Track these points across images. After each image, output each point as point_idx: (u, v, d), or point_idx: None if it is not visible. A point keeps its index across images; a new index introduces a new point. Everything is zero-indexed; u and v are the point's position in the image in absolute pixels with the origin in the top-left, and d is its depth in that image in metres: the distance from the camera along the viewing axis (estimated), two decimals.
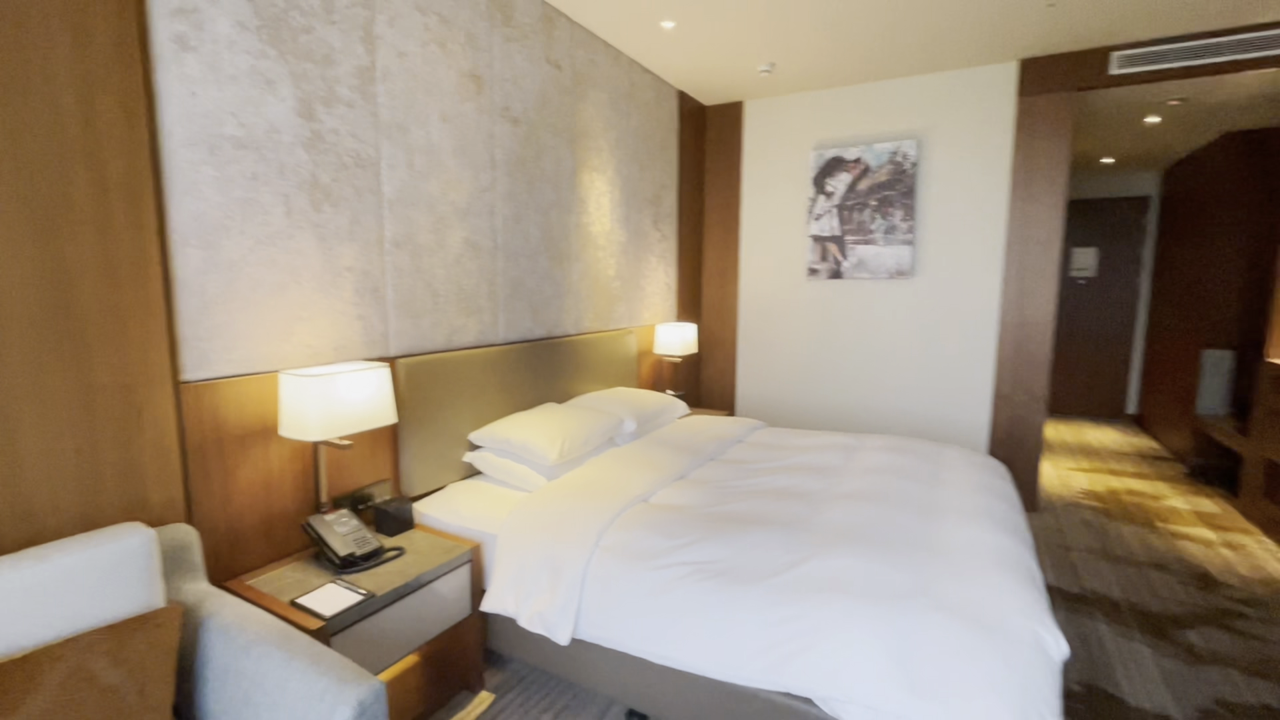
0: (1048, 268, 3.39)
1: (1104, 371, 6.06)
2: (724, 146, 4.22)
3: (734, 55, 3.31)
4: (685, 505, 2.03)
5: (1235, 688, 2.01)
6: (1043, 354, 3.44)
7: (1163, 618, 2.44)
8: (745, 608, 1.47)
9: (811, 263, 3.98)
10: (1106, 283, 5.96)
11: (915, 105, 3.64)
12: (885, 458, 2.41)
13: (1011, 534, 1.75)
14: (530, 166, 2.66)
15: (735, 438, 2.83)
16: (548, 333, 2.85)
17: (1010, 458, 3.57)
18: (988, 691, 1.18)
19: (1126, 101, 3.71)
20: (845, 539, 1.67)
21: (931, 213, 3.66)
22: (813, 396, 4.11)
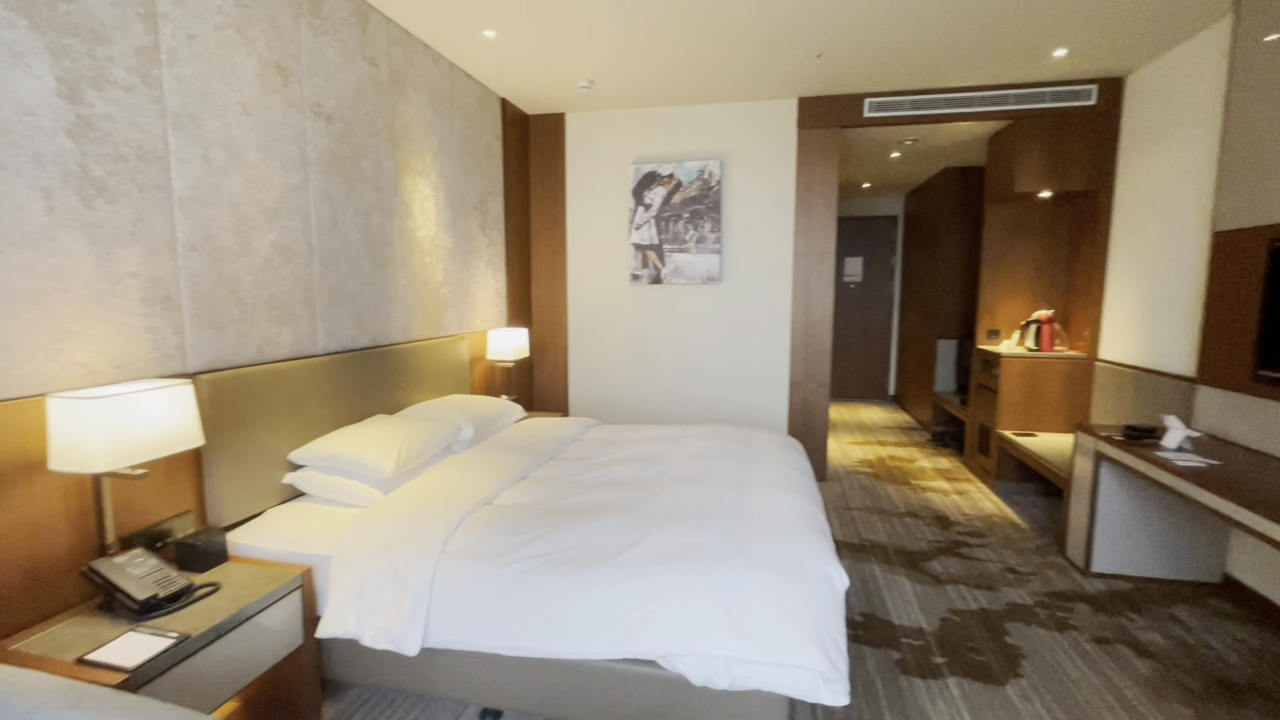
0: (826, 274, 4.03)
1: (871, 360, 7.27)
2: (548, 155, 4.34)
3: (555, 70, 3.44)
4: (529, 503, 2.10)
5: (963, 599, 2.62)
6: (825, 347, 4.07)
7: (915, 554, 3.06)
8: (592, 588, 1.60)
9: (634, 269, 4.26)
10: (870, 287, 7.16)
11: (718, 129, 4.09)
12: (706, 444, 2.71)
13: (807, 498, 2.10)
14: (348, 166, 2.53)
15: (572, 436, 2.96)
16: (374, 341, 2.72)
17: (804, 436, 4.17)
18: (791, 623, 1.44)
19: (877, 139, 4.53)
20: (676, 516, 1.88)
21: (735, 225, 4.13)
22: (640, 393, 4.39)
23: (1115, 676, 2.10)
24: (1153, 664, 2.17)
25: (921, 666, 2.14)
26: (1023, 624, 2.42)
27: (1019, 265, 4.28)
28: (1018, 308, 4.32)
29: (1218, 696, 2.00)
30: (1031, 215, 4.23)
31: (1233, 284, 2.54)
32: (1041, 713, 1.91)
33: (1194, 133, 2.93)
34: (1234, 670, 2.13)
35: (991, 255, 4.31)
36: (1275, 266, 2.32)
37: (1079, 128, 3.66)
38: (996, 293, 4.34)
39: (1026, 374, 3.91)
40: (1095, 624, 2.42)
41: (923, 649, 2.24)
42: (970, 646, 2.26)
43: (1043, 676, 2.09)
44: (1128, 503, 2.76)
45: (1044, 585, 2.74)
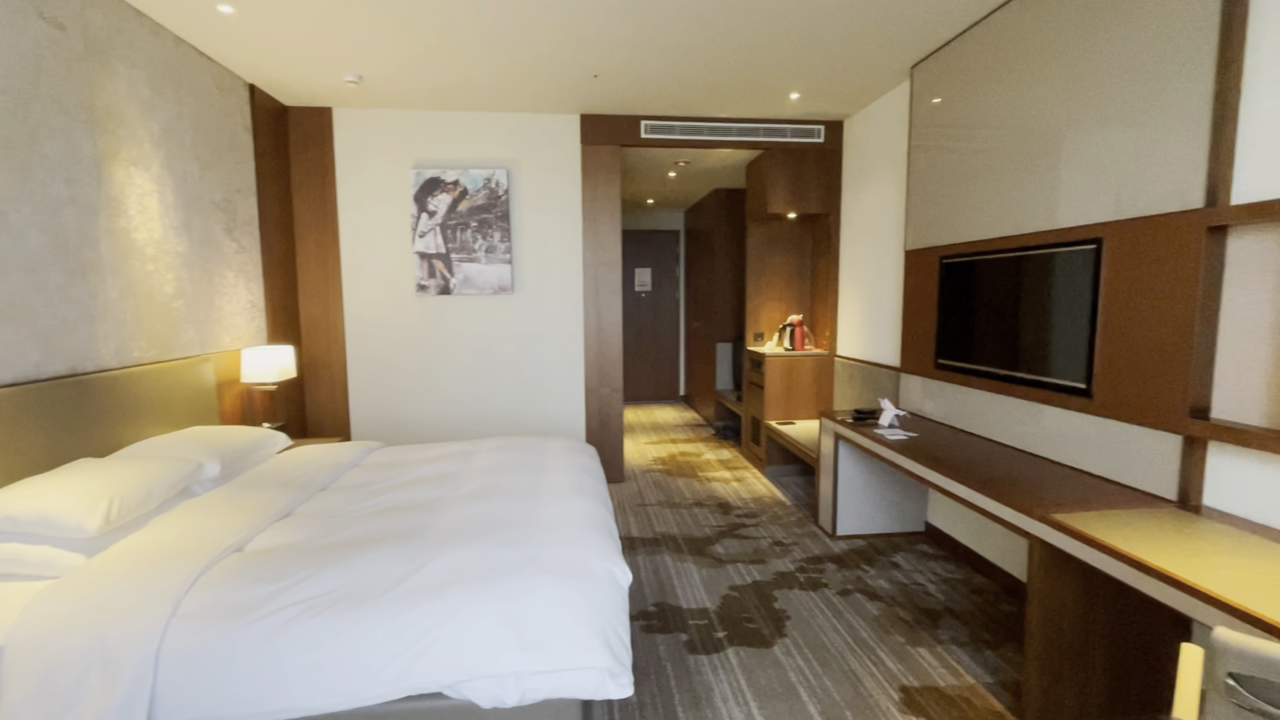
0: (614, 284, 4.22)
1: (663, 364, 7.79)
2: (314, 153, 3.91)
3: (316, 60, 3.12)
4: (291, 544, 1.86)
5: (740, 575, 2.92)
6: (616, 353, 4.26)
7: (701, 540, 3.34)
8: (367, 627, 1.46)
9: (420, 279, 4.03)
10: (659, 295, 7.67)
11: (505, 138, 4.06)
12: (498, 457, 2.65)
13: (595, 501, 2.17)
14: (21, 151, 2.01)
15: (350, 463, 2.69)
16: (71, 369, 2.19)
17: (602, 441, 4.31)
18: (577, 625, 1.47)
19: (655, 159, 4.88)
20: (463, 535, 1.80)
21: (525, 236, 4.13)
22: (433, 410, 4.16)
23: (854, 621, 2.50)
24: (880, 605, 2.63)
25: (705, 643, 2.33)
26: (787, 589, 2.77)
27: (775, 276, 4.92)
28: (777, 313, 4.96)
29: (924, 623, 2.49)
30: (784, 233, 4.89)
31: (919, 292, 3.20)
32: (802, 665, 2.20)
33: (890, 171, 3.64)
34: (934, 599, 2.68)
35: (754, 268, 4.90)
36: (945, 278, 2.98)
37: (813, 161, 4.33)
38: (760, 300, 4.94)
39: (785, 371, 4.51)
40: (839, 579, 2.87)
41: (707, 627, 2.45)
42: (746, 617, 2.53)
43: (802, 632, 2.41)
44: (860, 473, 3.33)
45: (803, 552, 3.17)
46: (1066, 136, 2.26)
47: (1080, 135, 2.20)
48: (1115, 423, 2.09)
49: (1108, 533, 1.67)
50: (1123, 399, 2.04)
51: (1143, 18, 1.97)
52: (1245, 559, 1.49)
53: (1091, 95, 2.16)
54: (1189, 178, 1.83)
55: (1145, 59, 1.96)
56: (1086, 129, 2.18)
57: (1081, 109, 2.20)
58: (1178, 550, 1.55)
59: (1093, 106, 2.15)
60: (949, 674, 2.15)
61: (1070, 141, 2.25)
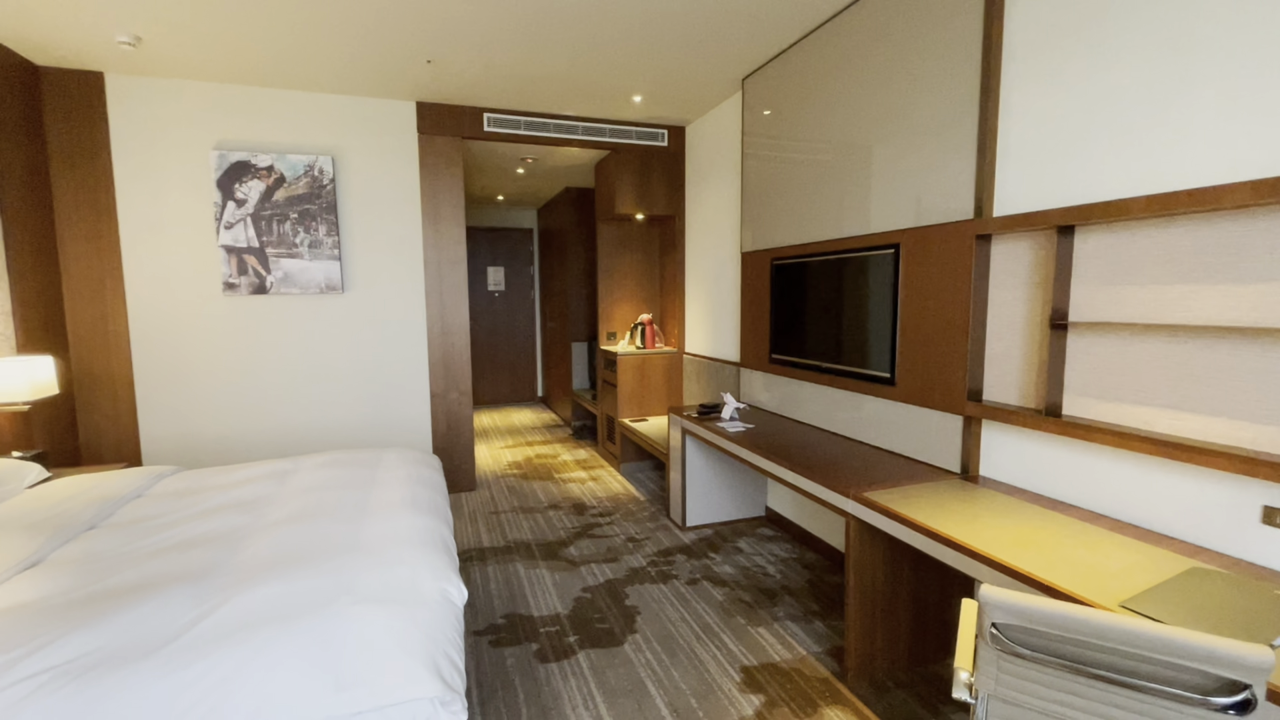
0: (459, 283, 4.02)
1: (519, 365, 7.60)
2: (80, 126, 3.27)
3: (74, 13, 2.59)
4: (39, 599, 1.52)
5: (594, 575, 2.90)
6: (464, 356, 4.06)
7: (555, 544, 3.28)
8: (137, 691, 1.22)
9: (227, 276, 3.54)
10: (513, 295, 7.47)
11: (330, 122, 3.68)
12: (323, 474, 2.39)
13: (431, 514, 2.03)
14: None
15: (130, 493, 2.28)
16: None
17: (450, 449, 4.09)
18: (401, 655, 1.35)
19: (502, 154, 4.72)
20: (267, 569, 1.59)
21: (356, 230, 3.79)
22: (246, 426, 3.68)
23: (701, 608, 2.59)
24: (725, 590, 2.76)
25: (557, 650, 2.28)
26: (639, 584, 2.80)
27: (626, 276, 4.99)
28: (628, 312, 5.03)
29: (763, 602, 2.64)
30: (633, 233, 4.97)
31: (755, 292, 3.40)
32: (650, 659, 2.23)
33: (727, 176, 3.84)
34: (772, 580, 2.86)
35: (605, 267, 4.93)
36: (776, 278, 3.19)
37: (658, 163, 4.45)
38: (612, 300, 4.98)
39: (637, 368, 4.59)
40: (688, 569, 2.97)
41: (558, 633, 2.40)
42: (597, 618, 2.51)
43: (652, 626, 2.45)
44: (706, 465, 3.47)
45: (655, 546, 3.24)
46: (876, 150, 2.52)
47: (888, 149, 2.46)
48: (913, 407, 2.36)
49: (905, 505, 1.87)
50: (918, 386, 2.31)
51: (929, 45, 2.24)
52: (1011, 520, 1.74)
53: (896, 113, 2.42)
54: (964, 191, 2.11)
55: (937, 81, 2.23)
56: (893, 144, 2.44)
57: (888, 125, 2.46)
58: (959, 516, 1.78)
59: (897, 123, 2.41)
60: (784, 648, 2.30)
61: (879, 155, 2.50)
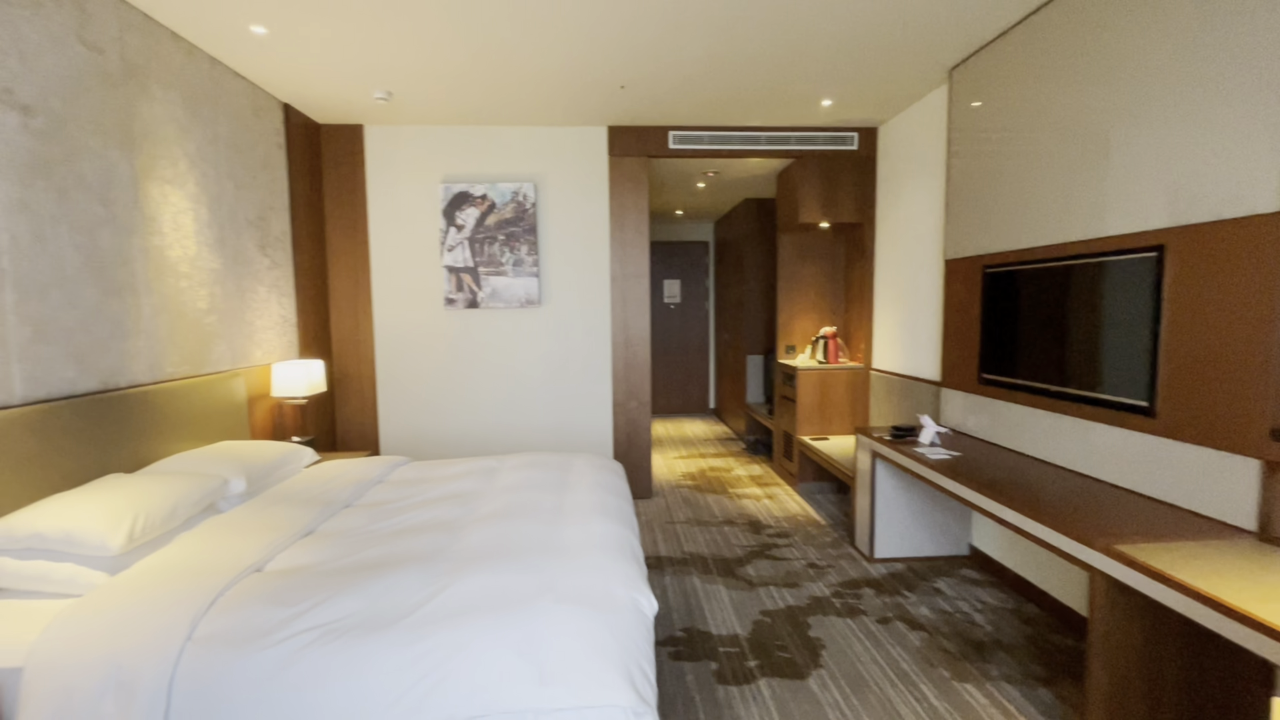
0: (642, 296, 4.16)
1: (693, 376, 7.68)
2: (345, 170, 3.97)
3: (346, 77, 3.15)
4: (311, 564, 1.83)
5: (773, 599, 2.79)
6: (644, 366, 4.19)
7: (732, 561, 3.22)
8: (380, 656, 1.41)
9: (448, 293, 4.04)
10: (689, 307, 7.59)
11: (532, 152, 4.05)
12: (523, 474, 2.60)
13: (620, 522, 2.09)
14: (59, 171, 2.05)
15: (375, 479, 2.67)
16: (103, 384, 2.22)
17: (629, 456, 4.23)
18: (598, 659, 1.39)
19: (684, 169, 4.82)
20: (481, 559, 1.75)
21: (552, 248, 4.11)
22: (460, 424, 4.15)
23: (895, 651, 2.36)
24: (922, 635, 2.48)
25: (736, 673, 2.22)
26: (822, 615, 2.64)
27: (808, 287, 4.80)
28: (809, 325, 4.83)
29: (971, 655, 2.33)
30: (816, 243, 4.77)
31: (960, 303, 3.05)
32: (838, 698, 2.07)
33: (927, 177, 3.51)
34: (980, 630, 2.52)
35: (785, 278, 4.78)
36: (988, 288, 2.83)
37: (846, 168, 4.22)
38: (791, 312, 4.81)
39: (818, 384, 4.37)
40: (878, 606, 2.72)
41: (738, 655, 2.34)
42: (779, 645, 2.41)
43: (838, 663, 2.28)
44: (899, 493, 3.17)
45: (839, 576, 3.03)
46: (1117, 139, 2.12)
47: (1132, 137, 2.06)
48: (1183, 444, 1.92)
49: (1179, 566, 1.52)
50: (1191, 418, 1.87)
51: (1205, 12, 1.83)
52: None
53: (1144, 94, 2.01)
54: (1265, 177, 1.68)
55: (1208, 54, 1.81)
56: (1138, 130, 2.03)
57: (1133, 109, 2.05)
58: (1262, 589, 1.39)
59: (1145, 106, 2.01)
60: (999, 714, 1.99)
61: (1121, 144, 2.10)
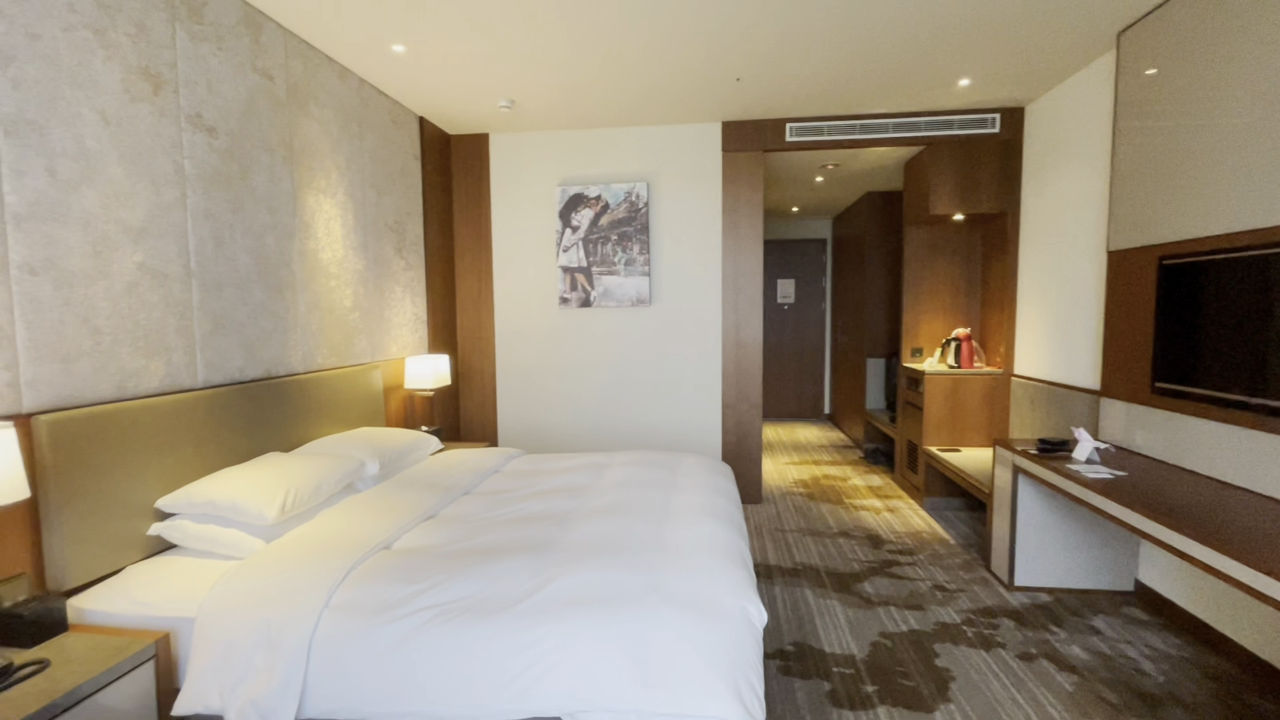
0: (755, 296, 4.03)
1: (806, 380, 7.38)
2: (472, 177, 4.21)
3: (473, 88, 3.34)
4: (432, 545, 1.93)
5: (894, 620, 2.58)
6: (756, 368, 4.06)
7: (847, 576, 3.02)
8: (491, 640, 1.45)
9: (563, 292, 4.15)
10: (803, 307, 7.30)
11: (644, 152, 4.07)
12: (631, 472, 2.60)
13: (729, 526, 2.02)
14: (236, 184, 2.33)
15: (492, 468, 2.79)
16: (266, 372, 2.50)
17: (738, 459, 4.12)
18: (705, 668, 1.34)
19: (801, 163, 4.63)
20: (589, 554, 1.75)
21: (664, 248, 4.10)
22: (571, 420, 4.26)
23: (1040, 694, 2.08)
24: (1075, 678, 2.17)
25: (852, 697, 2.07)
26: (951, 644, 2.39)
27: (938, 285, 4.42)
28: (938, 326, 4.45)
29: (1137, 709, 2.01)
30: (947, 237, 4.38)
31: (1128, 300, 2.65)
32: None
33: (1086, 159, 3.09)
34: (1150, 681, 2.16)
35: (912, 276, 4.44)
36: (1165, 282, 2.43)
37: (986, 153, 3.83)
38: (918, 312, 4.46)
39: (949, 390, 4.01)
40: (1020, 640, 2.43)
41: (853, 677, 2.18)
42: (900, 671, 2.21)
43: (971, 699, 2.05)
44: (1046, 515, 2.82)
45: (971, 602, 2.74)
46: None
47: None
48: None
49: None
50: None
51: None
52: None
53: None
54: None
55: None
56: None
57: None
58: None
59: None
60: None
61: None
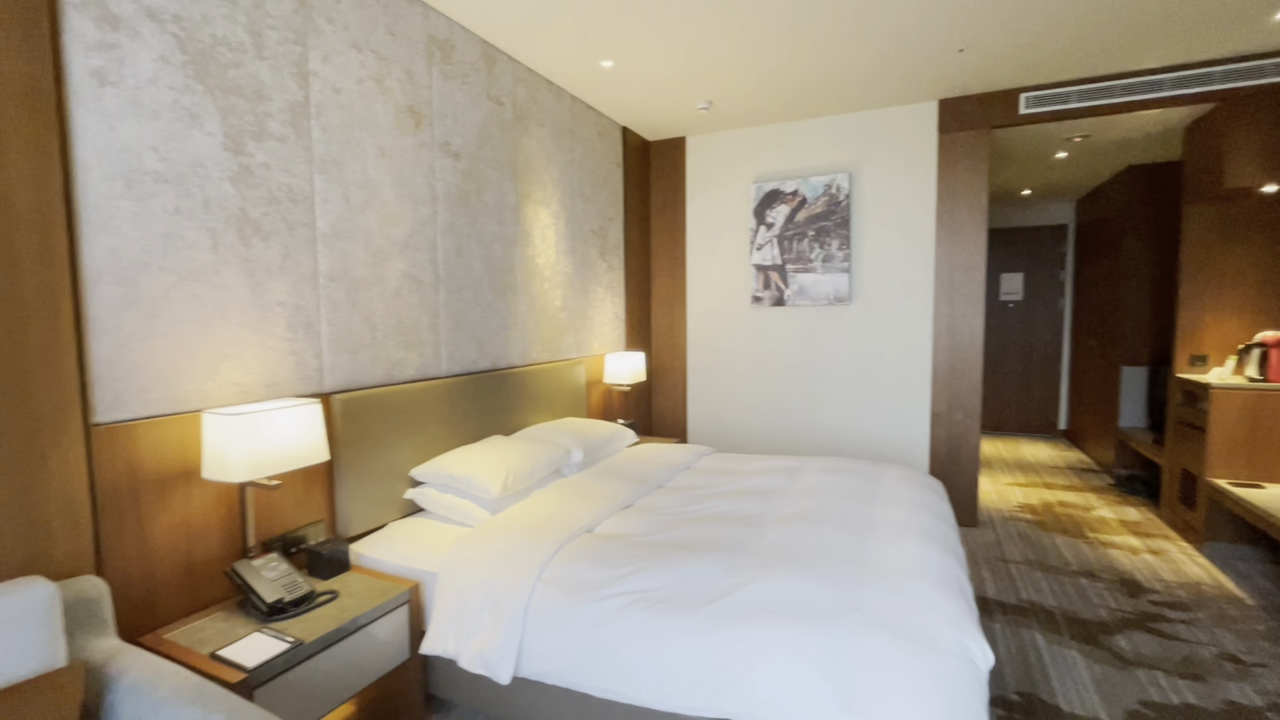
0: (974, 292, 3.58)
1: (1036, 389, 6.37)
2: (668, 180, 4.34)
3: (673, 93, 3.43)
4: (629, 534, 2.02)
5: (1160, 689, 2.11)
6: (974, 373, 3.60)
7: (1093, 624, 2.54)
8: (685, 635, 1.47)
9: (755, 291, 4.09)
10: (1033, 305, 6.31)
11: (847, 141, 3.84)
12: (826, 479, 2.47)
13: (943, 548, 1.81)
14: (472, 200, 2.67)
15: (683, 464, 2.85)
16: (493, 365, 2.83)
17: (949, 474, 3.70)
18: (916, 704, 1.21)
19: (1037, 138, 3.99)
20: (784, 560, 1.69)
21: (866, 242, 3.83)
22: (761, 421, 4.18)
23: None
24: None
25: None
26: None
27: (1232, 277, 3.51)
28: (1232, 328, 3.53)
29: None
30: (1248, 216, 3.45)
31: None
32: None
33: None
34: None
35: (1194, 266, 3.58)
36: None
37: None
38: (1201, 310, 3.58)
39: (1248, 410, 3.16)
40: None
41: None
42: None
43: None
44: None
45: (1279, 683, 2.13)
46: None
47: None
48: None
49: None
50: None
51: None
52: None
53: None
54: None
55: None
56: None
57: None
58: None
59: None
60: None
61: None
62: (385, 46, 2.23)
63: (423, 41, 2.39)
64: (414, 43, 2.35)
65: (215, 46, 1.70)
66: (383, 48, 2.22)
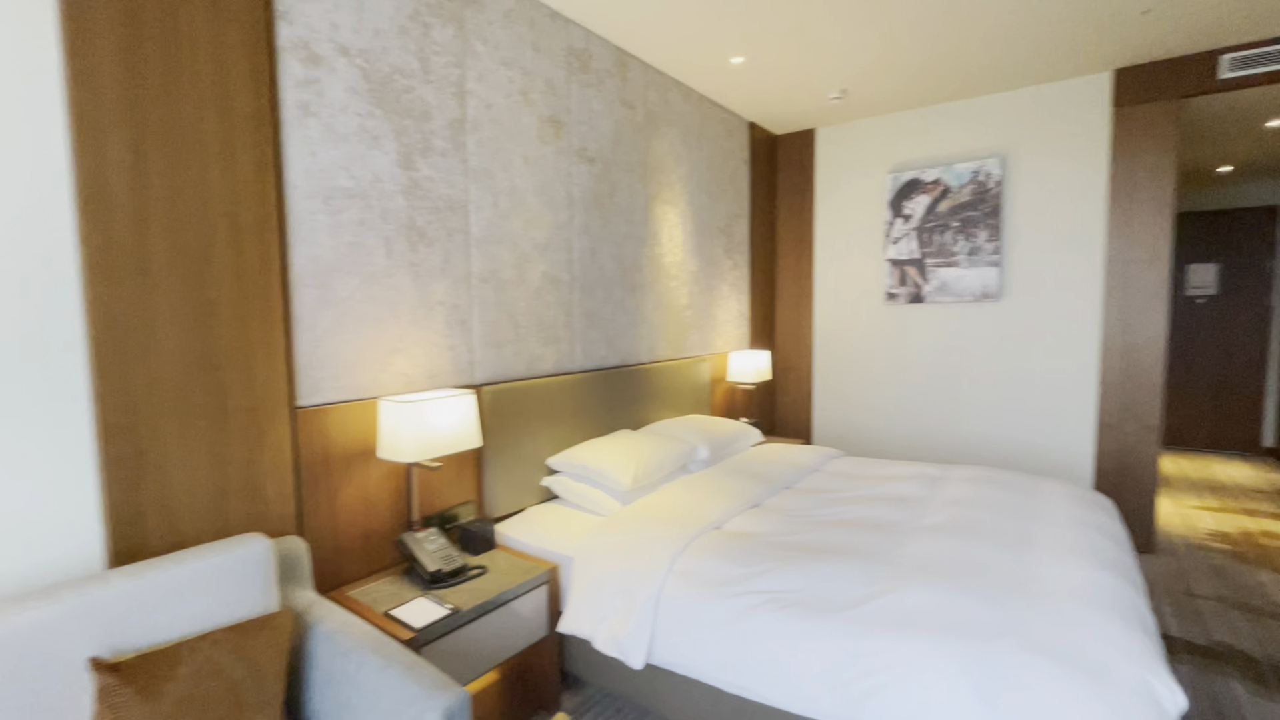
0: (1155, 286, 3.14)
1: (1233, 400, 5.46)
2: (796, 174, 4.23)
3: (803, 85, 3.34)
4: (758, 533, 2.01)
5: None
6: (1154, 380, 3.16)
7: None
8: (820, 639, 1.44)
9: (890, 287, 3.88)
10: (1231, 301, 5.41)
11: (998, 122, 3.52)
12: (973, 489, 2.29)
13: (1118, 574, 1.61)
14: (605, 202, 2.78)
15: (811, 466, 2.78)
16: (622, 361, 2.93)
17: (1120, 493, 3.28)
18: None
19: (1241, 105, 3.42)
20: (928, 573, 1.60)
21: (1019, 232, 3.49)
22: (893, 424, 3.96)
23: None
24: None
25: None
26: None
27: None
28: None
29: None
30: None
31: None
32: None
33: None
34: None
35: None
36: None
37: None
38: None
39: None
40: None
41: None
42: None
43: None
44: None
45: None
46: None
47: None
48: None
49: None
50: None
51: None
52: None
53: None
54: None
55: None
56: None
57: None
58: None
59: None
60: None
61: None
62: (530, 61, 2.38)
63: (563, 54, 2.52)
64: (555, 55, 2.49)
65: (392, 74, 1.91)
66: (528, 63, 2.37)
